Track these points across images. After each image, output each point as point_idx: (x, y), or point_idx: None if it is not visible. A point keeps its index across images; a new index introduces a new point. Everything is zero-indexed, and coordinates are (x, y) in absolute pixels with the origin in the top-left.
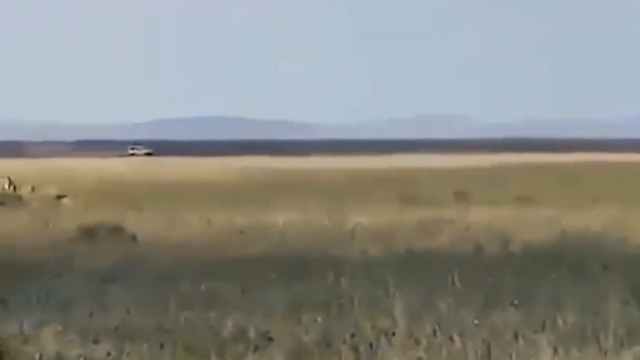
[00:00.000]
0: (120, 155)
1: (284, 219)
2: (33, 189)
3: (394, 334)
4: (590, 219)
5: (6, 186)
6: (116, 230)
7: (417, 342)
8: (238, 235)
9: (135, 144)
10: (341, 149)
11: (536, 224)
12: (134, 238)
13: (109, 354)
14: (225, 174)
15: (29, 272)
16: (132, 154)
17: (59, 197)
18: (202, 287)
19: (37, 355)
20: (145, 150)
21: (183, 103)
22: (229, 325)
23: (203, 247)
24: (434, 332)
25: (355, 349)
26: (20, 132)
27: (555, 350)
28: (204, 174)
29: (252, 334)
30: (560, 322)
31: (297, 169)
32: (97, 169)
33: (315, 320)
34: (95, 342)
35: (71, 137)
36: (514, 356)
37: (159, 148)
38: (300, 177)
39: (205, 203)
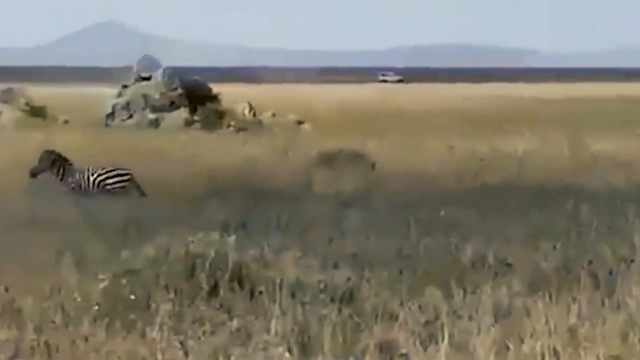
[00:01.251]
0: (371, 82)
1: (523, 147)
2: (273, 115)
3: (632, 261)
4: None
5: (246, 112)
6: (356, 157)
7: None
8: (478, 162)
9: (385, 70)
10: (572, 77)
11: None
12: (373, 165)
13: (348, 279)
14: (466, 101)
15: (269, 197)
16: (383, 81)
17: (299, 122)
18: (442, 214)
19: (277, 280)
20: (396, 77)
21: (427, 30)
22: (468, 252)
23: (443, 174)
24: None
25: (594, 276)
26: (265, 58)
27: None
28: (446, 101)
29: (491, 260)
30: None
31: (534, 97)
32: (338, 95)
33: (554, 248)
34: (335, 267)
35: (315, 64)
36: None
37: (406, 75)
38: (538, 105)
39: (447, 130)
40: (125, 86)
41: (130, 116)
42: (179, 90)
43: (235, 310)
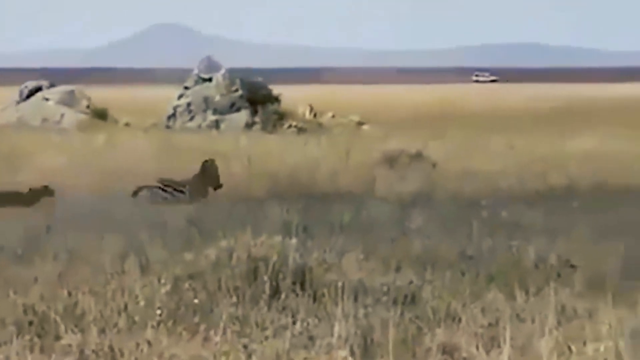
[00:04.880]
0: (464, 82)
1: (586, 145)
2: (333, 116)
3: None
4: None
5: (307, 113)
6: (417, 157)
7: None
8: (540, 162)
9: (479, 70)
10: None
11: None
12: (434, 165)
13: (410, 282)
14: (525, 101)
15: (331, 199)
16: (476, 81)
17: (360, 123)
18: (504, 214)
19: (339, 283)
20: (491, 77)
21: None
22: (530, 253)
23: (505, 174)
24: None
25: None
26: (334, 58)
27: None
28: (510, 101)
29: (553, 261)
30: None
31: (597, 97)
32: (400, 96)
33: (617, 248)
34: (397, 270)
35: (387, 64)
36: None
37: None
38: (599, 105)
39: (507, 129)
40: (186, 88)
41: (192, 118)
42: (240, 92)
43: (298, 313)
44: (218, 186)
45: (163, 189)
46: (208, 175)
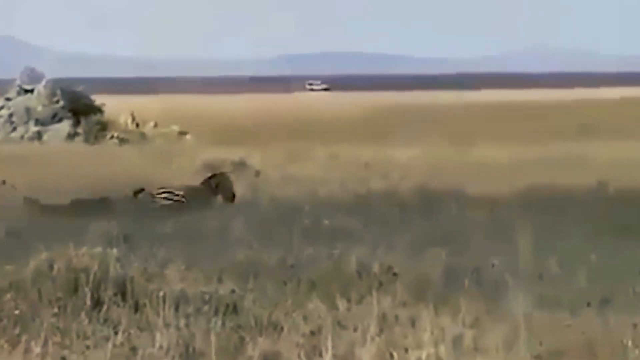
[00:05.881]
0: (299, 90)
1: (408, 153)
2: (155, 125)
3: (517, 268)
4: None
5: (129, 123)
6: (240, 166)
7: (541, 277)
8: (362, 169)
9: (312, 79)
10: (456, 83)
11: None
12: (257, 174)
13: (232, 291)
14: (352, 109)
15: (155, 209)
16: (311, 89)
17: (181, 133)
18: (326, 222)
19: (161, 293)
20: (323, 86)
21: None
22: (352, 261)
23: (326, 181)
24: (558, 266)
25: (479, 283)
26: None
27: None
28: (329, 109)
29: (375, 269)
30: None
31: (422, 104)
32: (222, 106)
33: (439, 255)
34: (220, 279)
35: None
36: None
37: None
38: (425, 112)
39: (332, 138)
40: (8, 99)
41: (14, 129)
42: (61, 102)
43: (119, 324)
44: (231, 198)
45: (162, 194)
46: (222, 187)
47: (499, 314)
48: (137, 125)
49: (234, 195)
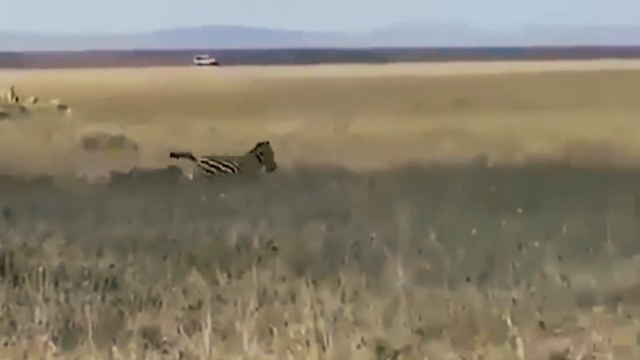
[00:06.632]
0: (187, 65)
1: (288, 128)
2: (35, 100)
3: (397, 243)
4: (596, 127)
5: (9, 97)
6: (118, 141)
7: (420, 252)
8: (239, 144)
9: (200, 54)
10: (341, 58)
11: (540, 132)
12: (135, 148)
13: (112, 266)
14: (237, 84)
15: (32, 183)
16: (199, 64)
17: (62, 107)
18: (204, 198)
19: (40, 268)
20: (211, 60)
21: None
22: (232, 236)
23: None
24: (437, 241)
25: (358, 258)
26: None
27: (560, 259)
28: (213, 84)
29: (255, 244)
30: (564, 230)
31: (305, 78)
32: (106, 80)
33: (319, 230)
34: (99, 254)
35: (75, 48)
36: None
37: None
38: (307, 87)
39: (214, 112)
40: None
41: None
42: None
43: None
44: (272, 168)
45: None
46: (265, 157)
47: (379, 289)
48: (17, 99)
49: (275, 166)
